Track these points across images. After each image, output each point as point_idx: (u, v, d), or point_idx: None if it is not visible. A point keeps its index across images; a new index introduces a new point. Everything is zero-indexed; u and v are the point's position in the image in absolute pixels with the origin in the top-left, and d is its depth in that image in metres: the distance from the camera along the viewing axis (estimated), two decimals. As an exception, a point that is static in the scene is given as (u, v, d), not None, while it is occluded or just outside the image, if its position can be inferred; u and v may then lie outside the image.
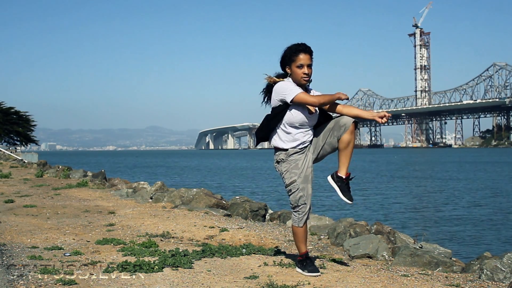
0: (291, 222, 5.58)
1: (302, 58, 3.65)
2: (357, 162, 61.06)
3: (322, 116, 3.82)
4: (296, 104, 3.65)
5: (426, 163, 59.46)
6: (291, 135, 3.72)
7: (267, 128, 3.82)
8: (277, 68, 3.83)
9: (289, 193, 3.74)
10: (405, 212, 15.84)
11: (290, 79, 3.75)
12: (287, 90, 3.64)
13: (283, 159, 3.75)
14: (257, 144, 3.99)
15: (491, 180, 29.63)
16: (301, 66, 3.66)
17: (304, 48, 3.67)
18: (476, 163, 55.33)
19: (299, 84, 3.71)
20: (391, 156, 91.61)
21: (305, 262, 3.78)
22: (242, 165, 58.30)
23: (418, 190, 23.78)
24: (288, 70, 3.74)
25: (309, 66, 3.68)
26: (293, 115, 3.68)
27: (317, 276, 3.71)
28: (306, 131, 3.75)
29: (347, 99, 3.65)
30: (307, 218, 3.75)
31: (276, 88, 3.70)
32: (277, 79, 3.77)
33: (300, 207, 3.70)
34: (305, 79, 3.68)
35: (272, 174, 37.58)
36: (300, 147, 3.73)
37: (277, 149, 3.78)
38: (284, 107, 3.69)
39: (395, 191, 22.89)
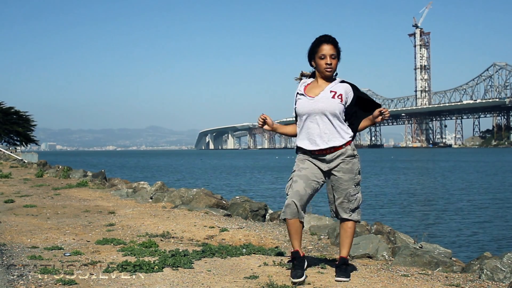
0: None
1: (325, 48, 3.58)
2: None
3: (367, 105, 3.72)
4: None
5: (424, 161, 59.48)
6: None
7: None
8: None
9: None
10: (405, 212, 15.85)
11: (310, 79, 3.73)
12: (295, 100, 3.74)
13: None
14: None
15: (491, 180, 29.63)
16: (323, 57, 3.59)
17: (326, 39, 3.60)
18: (476, 162, 55.35)
19: (324, 76, 3.65)
20: (388, 156, 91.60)
21: (292, 262, 3.59)
22: (242, 164, 58.28)
23: (418, 190, 23.79)
24: (313, 64, 3.69)
25: (333, 56, 3.59)
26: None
27: (298, 282, 3.40)
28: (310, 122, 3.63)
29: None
30: (289, 213, 3.54)
31: None
32: (299, 77, 3.80)
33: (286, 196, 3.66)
34: (327, 69, 3.60)
35: (272, 174, 37.57)
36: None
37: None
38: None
39: (395, 190, 22.89)
